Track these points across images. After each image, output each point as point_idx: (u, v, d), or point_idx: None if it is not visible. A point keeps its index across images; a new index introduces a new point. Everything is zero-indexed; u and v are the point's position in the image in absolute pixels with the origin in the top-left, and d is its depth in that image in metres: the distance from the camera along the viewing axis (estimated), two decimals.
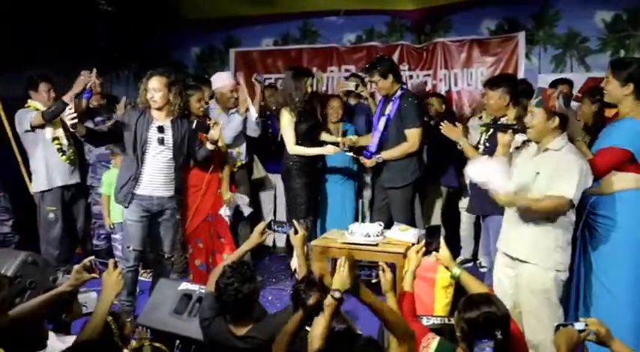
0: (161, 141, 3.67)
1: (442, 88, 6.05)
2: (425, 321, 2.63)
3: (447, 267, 2.59)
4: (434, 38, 6.13)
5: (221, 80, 4.61)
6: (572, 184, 2.68)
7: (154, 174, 3.68)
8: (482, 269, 4.56)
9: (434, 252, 2.57)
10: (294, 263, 3.03)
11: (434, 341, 2.15)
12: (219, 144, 4.01)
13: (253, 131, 4.62)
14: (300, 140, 4.32)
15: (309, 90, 4.30)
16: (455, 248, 4.43)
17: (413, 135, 4.16)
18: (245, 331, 2.46)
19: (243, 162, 4.68)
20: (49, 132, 4.33)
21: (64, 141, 4.41)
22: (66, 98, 4.08)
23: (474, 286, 2.43)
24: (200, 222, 4.17)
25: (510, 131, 2.99)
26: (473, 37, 5.95)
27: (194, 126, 3.87)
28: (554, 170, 2.76)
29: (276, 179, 5.12)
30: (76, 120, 3.30)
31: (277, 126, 4.65)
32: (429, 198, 5.22)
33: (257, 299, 2.57)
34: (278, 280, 4.72)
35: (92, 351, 2.18)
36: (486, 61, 5.91)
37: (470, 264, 4.94)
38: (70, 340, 2.32)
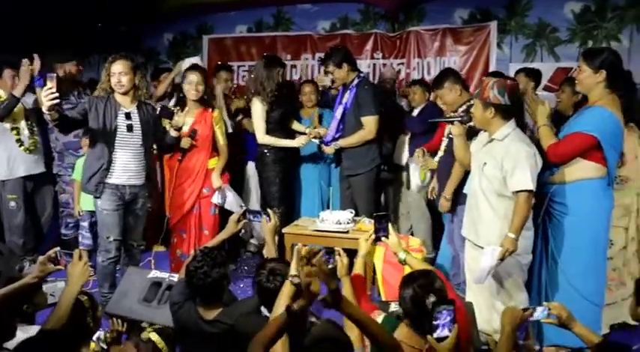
0: (129, 128, 3.60)
1: (416, 77, 6.05)
2: (393, 306, 2.68)
3: (395, 253, 2.68)
4: (407, 27, 6.15)
5: (186, 65, 4.58)
6: (526, 175, 2.75)
7: (126, 162, 3.62)
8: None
9: (383, 239, 2.67)
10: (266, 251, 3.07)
11: (379, 316, 2.27)
12: (221, 142, 4.15)
13: (230, 126, 4.64)
14: (273, 128, 4.31)
15: (281, 79, 4.29)
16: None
17: (369, 122, 4.18)
18: (214, 315, 2.46)
19: None
20: (7, 122, 4.26)
21: (25, 132, 4.33)
22: (16, 92, 4.01)
23: (419, 268, 2.52)
24: (186, 213, 4.17)
25: (457, 122, 3.02)
26: (446, 25, 5.97)
27: (158, 111, 3.83)
28: (500, 161, 2.82)
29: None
30: (57, 101, 3.16)
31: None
32: None
33: (227, 284, 2.58)
34: (251, 268, 4.72)
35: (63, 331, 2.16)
36: (459, 50, 5.95)
37: None
38: (33, 330, 2.29)
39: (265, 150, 4.35)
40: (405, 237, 3.76)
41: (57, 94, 3.13)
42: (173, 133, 3.82)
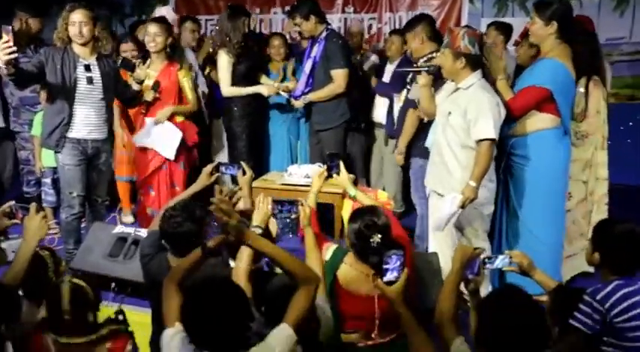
0: (90, 81, 3.49)
1: (387, 31, 5.95)
2: None
3: (346, 189, 2.82)
4: None
5: (160, 15, 4.44)
6: (489, 124, 2.78)
7: (87, 115, 3.52)
8: None
9: (334, 175, 2.78)
10: (241, 204, 3.06)
11: (331, 247, 2.43)
12: (190, 96, 4.05)
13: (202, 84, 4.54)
14: (239, 81, 4.24)
15: (247, 29, 4.20)
16: None
17: (339, 75, 4.13)
18: None
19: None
20: None
21: None
22: None
23: (368, 203, 2.64)
24: (154, 170, 4.08)
25: (424, 72, 3.01)
26: None
27: (119, 64, 3.71)
28: (464, 110, 2.84)
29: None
30: (15, 55, 3.03)
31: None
32: None
33: (203, 239, 2.54)
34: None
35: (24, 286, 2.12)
36: (431, 4, 5.87)
37: None
38: None
39: (233, 105, 4.28)
40: (374, 191, 3.78)
41: (14, 48, 3.00)
42: (135, 86, 3.72)
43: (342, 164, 2.78)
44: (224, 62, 4.19)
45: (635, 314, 2.00)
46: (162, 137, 3.96)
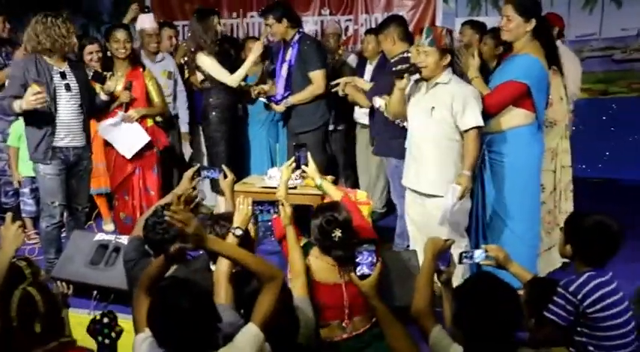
0: (67, 88, 3.48)
1: (363, 33, 6.02)
2: None
3: (312, 179, 2.92)
4: None
5: (142, 22, 4.52)
6: (476, 112, 2.90)
7: (69, 123, 3.51)
8: None
9: (302, 166, 2.89)
10: (222, 207, 3.08)
11: (301, 241, 2.54)
12: (156, 99, 4.13)
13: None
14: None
15: (219, 28, 4.21)
16: None
17: (317, 77, 4.16)
18: (170, 272, 2.45)
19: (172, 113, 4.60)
20: None
21: None
22: None
23: (333, 193, 2.81)
24: (127, 175, 4.10)
25: (407, 75, 3.05)
26: None
27: (90, 76, 3.70)
28: (449, 103, 2.92)
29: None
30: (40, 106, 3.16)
31: None
32: None
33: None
34: (205, 227, 4.69)
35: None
36: (406, 5, 5.94)
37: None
38: None
39: (211, 110, 4.29)
40: (353, 191, 3.82)
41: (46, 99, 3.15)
42: (103, 97, 3.72)
43: (309, 155, 2.89)
44: (208, 61, 4.17)
45: (607, 304, 2.06)
46: (127, 135, 3.99)
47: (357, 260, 1.89)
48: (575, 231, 2.20)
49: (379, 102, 3.65)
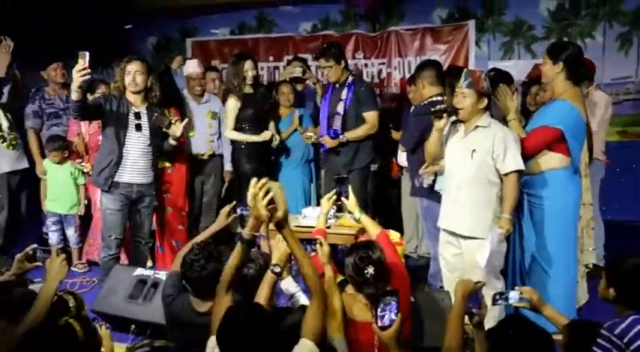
0: (138, 128, 3.70)
1: (397, 76, 6.16)
2: None
3: (349, 212, 3.02)
4: (388, 27, 6.23)
5: (186, 68, 4.74)
6: (516, 156, 2.93)
7: (135, 160, 3.71)
8: None
9: (343, 199, 2.98)
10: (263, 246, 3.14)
11: (338, 278, 2.59)
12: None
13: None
14: (246, 127, 4.39)
15: (251, 73, 4.34)
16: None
17: (372, 117, 4.29)
18: (207, 307, 2.49)
19: (217, 152, 4.74)
20: None
21: (4, 124, 4.27)
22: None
23: (371, 227, 2.89)
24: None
25: (445, 115, 3.11)
26: (425, 25, 6.06)
27: (154, 119, 3.76)
28: (490, 146, 2.95)
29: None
30: (89, 77, 3.30)
31: None
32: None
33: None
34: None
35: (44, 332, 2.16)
36: (439, 49, 6.02)
37: None
38: None
39: (241, 146, 4.42)
40: (386, 231, 3.83)
41: (89, 70, 3.27)
42: (172, 142, 3.83)
43: (350, 188, 3.00)
44: (230, 106, 4.38)
45: None
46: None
47: (381, 312, 1.92)
48: (617, 275, 2.18)
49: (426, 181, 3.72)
